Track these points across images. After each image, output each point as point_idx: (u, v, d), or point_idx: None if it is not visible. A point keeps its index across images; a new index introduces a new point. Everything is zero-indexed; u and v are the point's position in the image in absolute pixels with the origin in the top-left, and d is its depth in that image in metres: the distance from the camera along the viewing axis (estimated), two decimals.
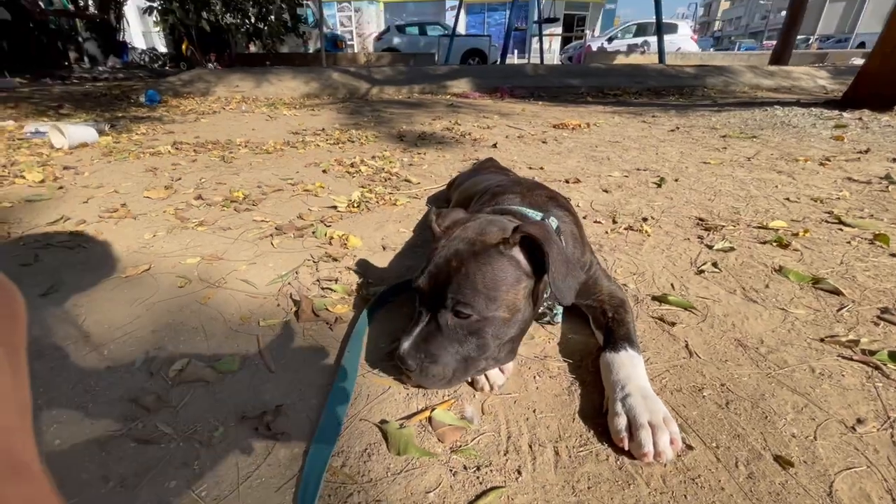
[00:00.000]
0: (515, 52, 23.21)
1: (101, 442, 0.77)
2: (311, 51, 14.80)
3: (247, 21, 10.38)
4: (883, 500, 0.68)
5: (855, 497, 0.69)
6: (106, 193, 2.04)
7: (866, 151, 2.80)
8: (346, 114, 4.79)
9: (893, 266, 1.41)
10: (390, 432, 0.79)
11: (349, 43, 21.92)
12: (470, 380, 0.90)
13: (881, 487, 0.70)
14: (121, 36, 11.40)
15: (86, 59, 10.58)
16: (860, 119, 3.53)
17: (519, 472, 0.73)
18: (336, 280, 1.29)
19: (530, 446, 0.78)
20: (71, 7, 10.40)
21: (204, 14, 9.50)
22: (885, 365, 0.97)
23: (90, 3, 10.65)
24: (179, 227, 1.69)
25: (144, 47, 14.54)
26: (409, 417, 0.83)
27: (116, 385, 0.90)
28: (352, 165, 2.58)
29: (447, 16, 24.70)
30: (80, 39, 10.56)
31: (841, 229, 1.72)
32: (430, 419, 0.82)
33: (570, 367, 0.98)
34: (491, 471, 0.73)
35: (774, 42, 12.36)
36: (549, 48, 22.74)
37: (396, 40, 16.17)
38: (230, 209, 1.88)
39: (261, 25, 10.60)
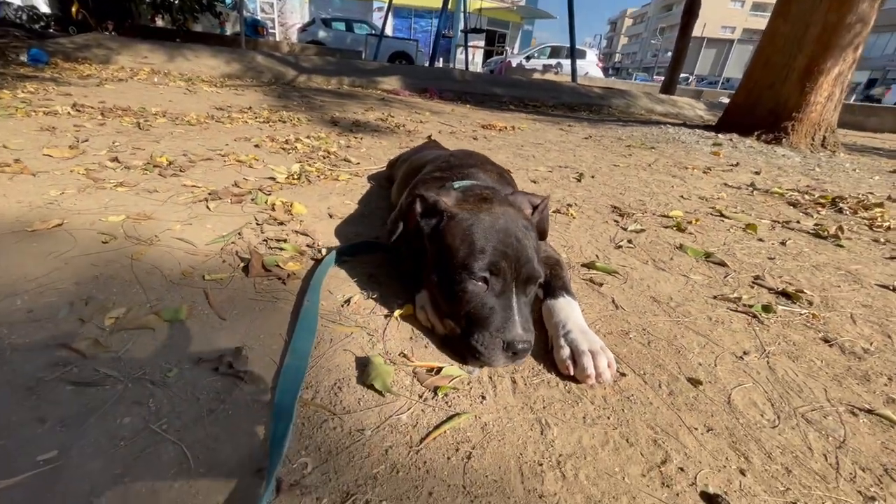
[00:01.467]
0: (441, 59, 23.78)
1: (28, 387, 0.69)
2: (228, 33, 13.71)
3: None
4: (765, 405, 0.86)
5: (746, 404, 0.86)
6: None
7: (736, 165, 3.36)
8: (274, 97, 4.55)
9: (760, 247, 1.73)
10: (376, 364, 0.80)
11: (270, 31, 20.73)
12: (431, 326, 0.95)
13: (763, 397, 0.88)
14: None
15: None
16: (731, 140, 4.22)
17: (483, 398, 0.80)
18: (285, 240, 1.26)
19: (490, 377, 0.85)
20: None
21: None
22: (759, 314, 1.21)
23: None
24: (93, 186, 1.51)
25: (21, 3, 12.36)
26: (421, 371, 0.86)
27: (38, 332, 0.80)
28: (286, 142, 2.49)
29: (374, 16, 24.54)
30: None
31: (722, 220, 2.06)
32: (438, 370, 0.84)
33: None
34: (458, 396, 0.79)
35: (663, 77, 14.30)
36: (473, 60, 23.69)
37: (322, 34, 15.63)
38: (154, 173, 1.71)
39: None
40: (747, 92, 4.80)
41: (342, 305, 1.01)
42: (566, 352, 0.87)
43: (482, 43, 23.56)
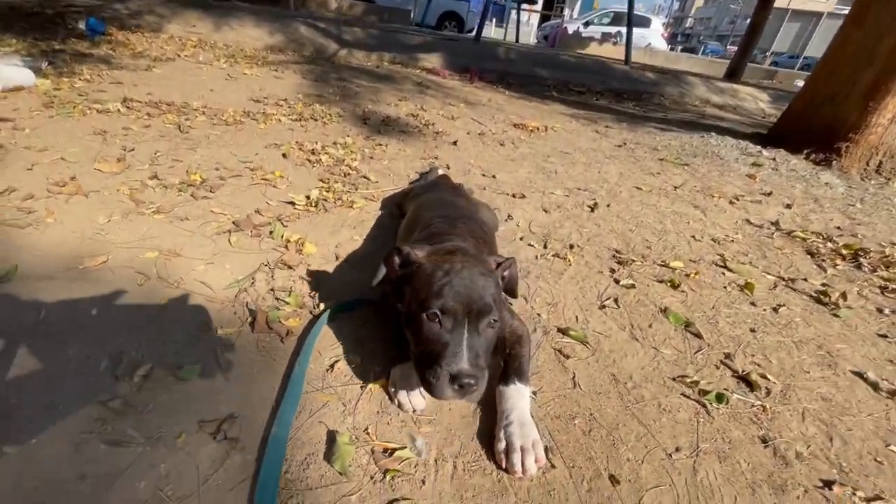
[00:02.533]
0: (493, 20, 22.71)
1: (74, 443, 0.91)
2: None
3: None
4: None
5: None
6: (52, 160, 1.99)
7: (769, 194, 3.23)
8: (312, 80, 4.67)
9: (748, 314, 1.76)
10: (339, 444, 0.98)
11: None
12: (397, 402, 1.11)
13: (672, 500, 1.00)
14: None
15: None
16: (774, 160, 4.00)
17: (423, 482, 0.96)
18: (290, 291, 1.43)
19: (436, 461, 1.01)
20: None
21: None
22: (710, 404, 1.29)
23: None
24: (135, 211, 1.73)
25: None
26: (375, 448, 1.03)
27: (84, 387, 1.02)
28: (312, 152, 2.64)
29: None
30: None
31: (724, 273, 2.06)
32: (392, 452, 0.99)
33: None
34: (402, 480, 0.96)
35: (737, 47, 13.20)
36: (528, 21, 22.46)
37: None
38: (187, 194, 1.92)
39: None
40: (806, 102, 4.47)
41: (327, 370, 1.19)
42: (502, 445, 1.02)
43: (539, 6, 22.24)
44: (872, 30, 3.83)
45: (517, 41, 14.97)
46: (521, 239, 2.09)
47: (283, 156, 2.53)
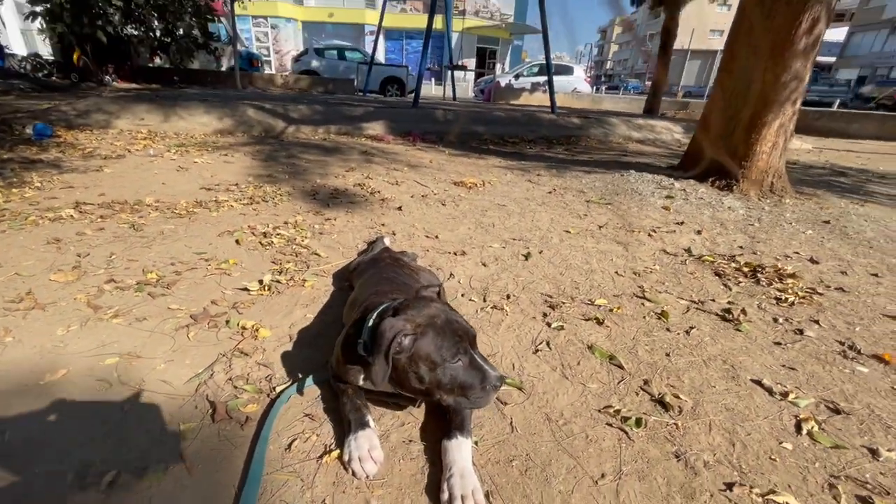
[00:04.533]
0: (433, 79, 24.40)
1: None
2: (223, 68, 14.23)
3: (151, 34, 9.78)
4: None
5: None
6: (7, 277, 2.05)
7: (681, 223, 3.66)
8: (261, 160, 4.90)
9: (664, 340, 2.01)
10: None
11: (266, 59, 21.40)
12: (351, 471, 1.24)
13: None
14: None
15: None
16: (684, 190, 4.52)
17: None
18: (247, 379, 1.55)
19: None
20: None
21: (100, 22, 8.80)
22: (631, 429, 1.48)
23: None
24: (93, 318, 1.81)
25: (25, 52, 12.95)
26: None
27: (53, 502, 1.10)
28: (265, 235, 2.80)
29: (366, 40, 25.27)
30: None
31: (643, 304, 2.34)
32: None
33: (426, 448, 1.35)
34: None
35: (650, 86, 15.00)
36: (464, 77, 24.30)
37: (315, 63, 16.25)
38: (144, 293, 2.02)
39: (167, 40, 10.04)
40: (704, 137, 5.14)
41: (285, 450, 1.30)
42: (445, 496, 1.16)
43: (471, 65, 24.25)
44: (741, 78, 4.56)
45: (454, 97, 16.11)
46: (462, 295, 2.30)
47: (237, 242, 2.68)
